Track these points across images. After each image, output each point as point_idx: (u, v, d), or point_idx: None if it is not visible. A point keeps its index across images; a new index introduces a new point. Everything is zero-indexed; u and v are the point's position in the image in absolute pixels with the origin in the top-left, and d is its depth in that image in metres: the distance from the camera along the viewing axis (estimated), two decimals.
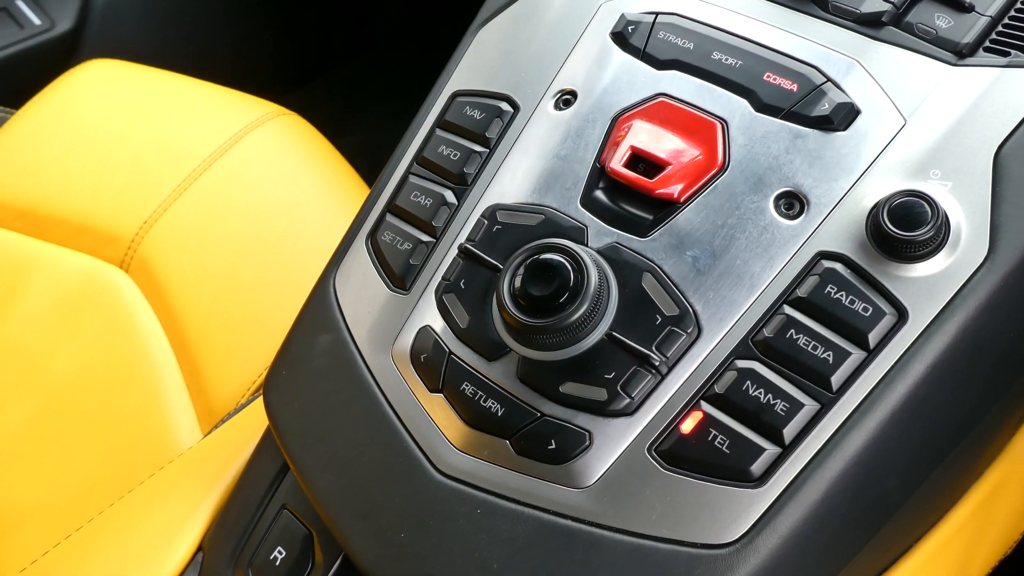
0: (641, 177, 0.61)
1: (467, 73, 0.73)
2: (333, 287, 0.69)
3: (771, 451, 0.55)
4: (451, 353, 0.62)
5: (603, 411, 0.58)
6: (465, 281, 0.63)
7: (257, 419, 0.89)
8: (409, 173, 0.70)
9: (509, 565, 0.58)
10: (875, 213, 0.56)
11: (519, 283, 0.57)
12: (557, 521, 0.57)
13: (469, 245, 0.63)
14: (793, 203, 0.60)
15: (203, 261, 1.10)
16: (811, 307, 0.57)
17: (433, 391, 0.62)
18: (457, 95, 0.72)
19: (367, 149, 0.78)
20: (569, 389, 0.58)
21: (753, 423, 0.56)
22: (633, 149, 0.62)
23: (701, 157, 0.62)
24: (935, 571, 0.68)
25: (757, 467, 0.55)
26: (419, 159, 0.71)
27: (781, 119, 0.62)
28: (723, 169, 0.61)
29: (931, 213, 0.55)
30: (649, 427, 0.57)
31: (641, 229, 0.61)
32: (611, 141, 0.64)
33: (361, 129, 1.86)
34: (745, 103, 0.63)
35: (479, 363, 0.61)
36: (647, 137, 0.62)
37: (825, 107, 0.61)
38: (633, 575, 0.55)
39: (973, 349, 0.57)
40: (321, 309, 0.69)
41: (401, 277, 0.67)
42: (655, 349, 0.58)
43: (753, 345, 0.57)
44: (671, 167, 0.61)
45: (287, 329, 0.71)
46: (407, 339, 0.64)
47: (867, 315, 0.56)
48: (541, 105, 0.68)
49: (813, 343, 0.56)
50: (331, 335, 0.67)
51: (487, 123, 0.69)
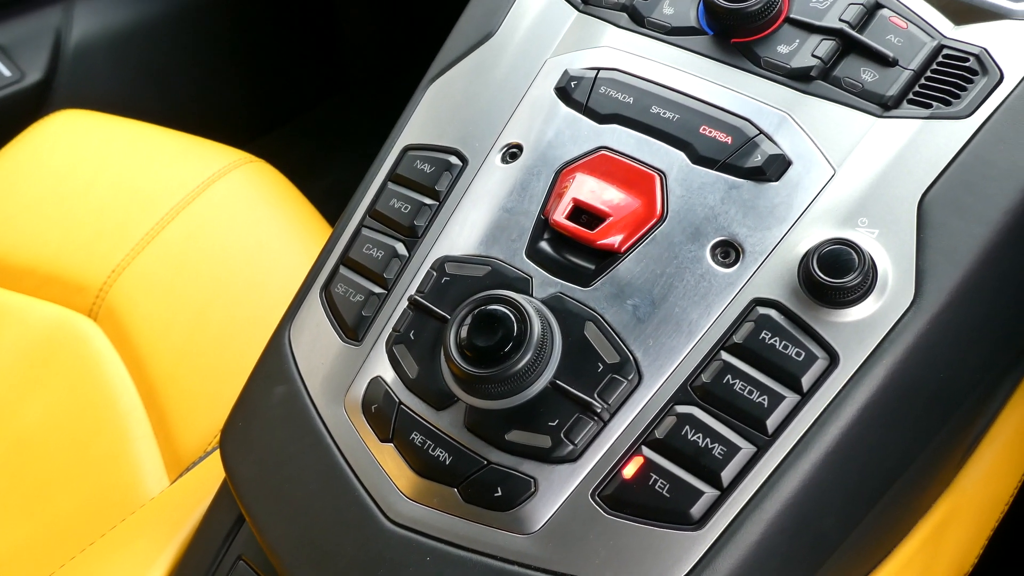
0: (583, 229, 0.63)
1: (419, 127, 0.75)
2: (288, 339, 0.71)
3: (710, 494, 0.57)
4: (401, 403, 0.63)
5: (547, 458, 0.59)
6: (415, 332, 0.65)
7: (222, 466, 0.90)
8: (362, 226, 0.72)
9: None
10: (806, 261, 0.59)
11: (464, 334, 0.59)
12: (504, 567, 0.59)
13: (418, 297, 0.65)
14: (729, 252, 0.62)
15: (171, 309, 1.11)
16: (747, 352, 0.59)
17: (384, 441, 0.63)
18: (408, 149, 0.74)
19: (337, 192, 0.80)
20: (515, 437, 0.60)
21: (692, 467, 0.58)
22: (575, 201, 0.64)
23: (641, 208, 0.64)
24: None
25: (696, 510, 0.57)
26: (372, 212, 0.72)
27: (717, 171, 0.64)
28: (662, 220, 0.64)
29: (858, 260, 0.57)
30: (592, 473, 0.59)
31: (584, 279, 0.63)
32: (555, 193, 0.66)
33: (332, 172, 1.88)
34: (682, 155, 0.65)
35: (428, 413, 0.62)
36: (589, 189, 0.65)
37: (758, 159, 0.63)
38: None
39: (903, 390, 0.59)
40: (276, 361, 0.70)
41: (354, 328, 0.68)
42: (597, 396, 0.59)
43: (692, 391, 0.59)
44: (612, 218, 0.63)
45: None
46: (359, 390, 0.66)
47: (800, 359, 0.58)
48: (489, 158, 0.70)
49: (749, 388, 0.58)
50: (286, 386, 0.68)
51: (437, 176, 0.71)
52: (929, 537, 0.75)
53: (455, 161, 0.71)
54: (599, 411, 0.59)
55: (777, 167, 0.63)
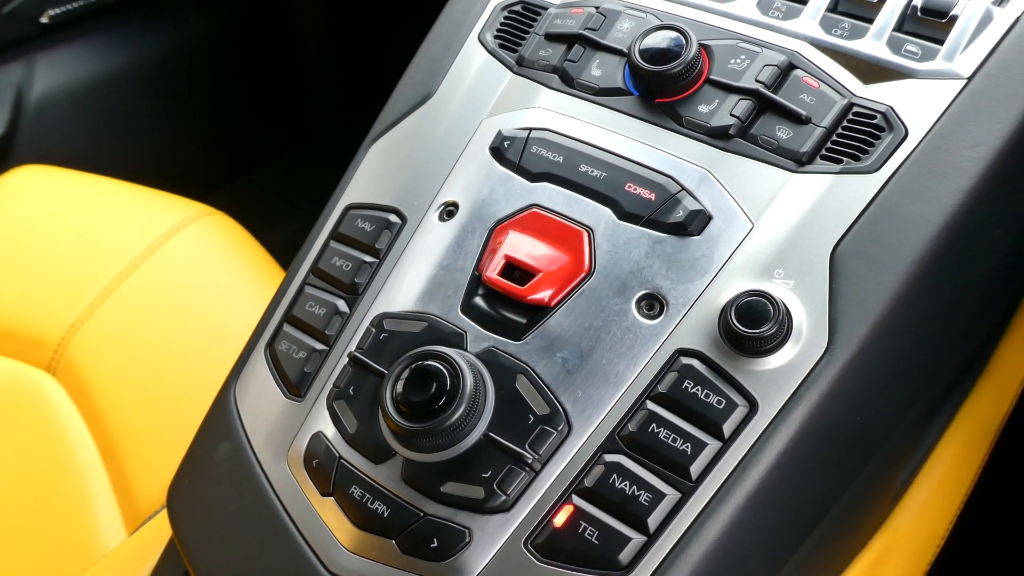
0: (514, 285, 0.66)
1: (360, 186, 0.78)
2: (234, 396, 0.73)
3: (637, 540, 0.59)
4: (341, 458, 0.65)
5: (481, 508, 0.61)
6: (354, 388, 0.67)
7: None
8: (305, 284, 0.74)
9: None
10: (725, 312, 0.61)
11: (400, 389, 0.61)
12: None
13: (358, 353, 0.67)
14: (653, 304, 0.65)
15: (129, 363, 1.12)
16: (670, 401, 0.61)
17: (325, 495, 0.65)
18: (350, 208, 0.76)
19: (298, 243, 0.82)
20: (450, 488, 0.62)
21: (620, 514, 0.60)
22: (507, 258, 0.67)
23: (569, 263, 0.67)
24: None
25: (624, 555, 0.59)
26: (314, 270, 0.75)
27: (641, 226, 0.67)
28: (590, 274, 0.66)
29: (773, 311, 0.60)
30: (525, 522, 0.61)
31: (516, 333, 0.66)
32: (488, 250, 0.69)
33: (294, 221, 1.90)
34: (609, 212, 0.68)
35: (367, 466, 0.64)
36: (520, 246, 0.67)
37: (680, 214, 0.66)
38: None
39: (821, 435, 0.61)
40: (221, 418, 0.72)
41: (296, 385, 0.70)
42: (528, 447, 0.62)
43: (619, 440, 0.62)
44: (542, 274, 0.66)
45: None
46: (301, 445, 0.68)
47: (721, 407, 0.60)
48: (427, 216, 0.73)
49: (673, 435, 0.61)
50: (230, 443, 0.70)
51: (377, 235, 0.73)
52: (865, 573, 0.77)
53: (394, 219, 0.74)
54: (530, 462, 0.61)
55: (698, 222, 0.66)
